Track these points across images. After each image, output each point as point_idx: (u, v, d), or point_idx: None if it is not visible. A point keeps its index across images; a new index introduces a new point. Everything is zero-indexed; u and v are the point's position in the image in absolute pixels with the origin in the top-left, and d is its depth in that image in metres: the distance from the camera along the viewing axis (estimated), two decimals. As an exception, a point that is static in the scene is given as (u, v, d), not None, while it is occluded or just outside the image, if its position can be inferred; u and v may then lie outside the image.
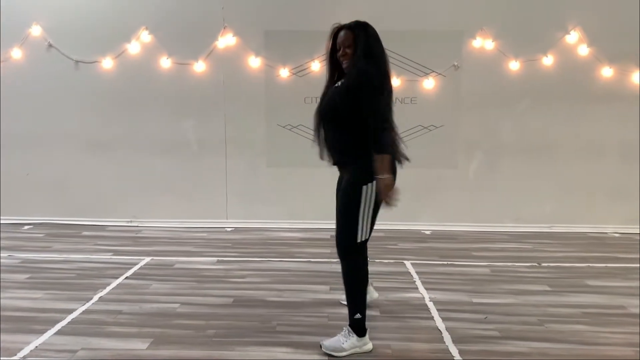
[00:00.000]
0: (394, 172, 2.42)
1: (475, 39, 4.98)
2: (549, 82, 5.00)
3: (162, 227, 5.17)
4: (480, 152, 5.17)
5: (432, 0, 4.96)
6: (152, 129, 5.18)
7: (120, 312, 2.97)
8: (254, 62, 5.05)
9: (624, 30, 4.88)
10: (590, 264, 4.03)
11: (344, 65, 2.47)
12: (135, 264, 3.91)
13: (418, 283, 3.54)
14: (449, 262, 4.05)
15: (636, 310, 3.07)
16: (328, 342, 2.46)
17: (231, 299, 3.20)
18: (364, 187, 2.37)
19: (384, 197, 2.35)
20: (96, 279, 3.56)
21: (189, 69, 5.08)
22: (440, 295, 3.29)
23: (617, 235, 5.01)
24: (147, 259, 4.05)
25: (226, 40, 5.03)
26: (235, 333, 2.71)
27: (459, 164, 5.17)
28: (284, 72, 5.06)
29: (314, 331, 2.72)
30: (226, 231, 5.09)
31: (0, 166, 5.22)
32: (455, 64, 5.01)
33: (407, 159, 2.50)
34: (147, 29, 5.04)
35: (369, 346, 2.47)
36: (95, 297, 3.20)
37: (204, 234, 4.94)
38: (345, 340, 2.43)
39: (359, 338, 2.44)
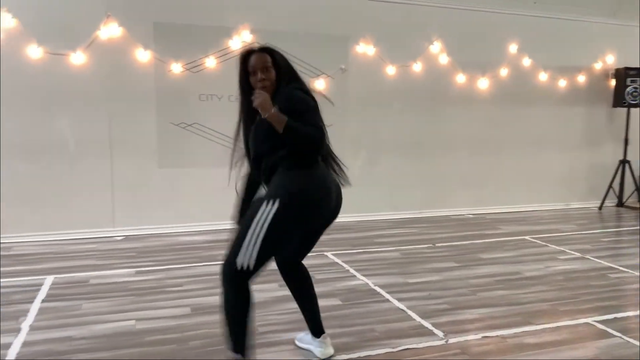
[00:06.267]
0: (332, 195, 2.19)
1: (359, 44, 5.40)
2: (417, 85, 5.69)
3: (35, 241, 4.49)
4: (363, 149, 5.63)
5: (321, 4, 5.22)
6: (16, 129, 4.44)
7: (71, 338, 2.60)
8: (143, 56, 4.69)
9: (473, 43, 5.81)
10: (471, 241, 4.76)
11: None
12: (39, 285, 3.38)
13: (352, 271, 3.79)
14: (362, 250, 4.39)
15: (529, 274, 3.79)
16: None
17: (188, 308, 3.03)
18: (264, 203, 2.03)
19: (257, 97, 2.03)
20: (4, 307, 3.00)
21: (65, 60, 4.49)
22: (379, 280, 3.59)
23: (471, 216, 5.96)
24: (50, 278, 3.52)
25: (110, 31, 4.57)
26: (223, 341, 2.60)
27: (347, 160, 5.53)
28: (177, 68, 4.81)
29: (299, 327, 2.76)
30: (116, 240, 4.65)
31: None
32: (342, 67, 5.36)
33: (347, 183, 2.44)
34: (8, 10, 4.30)
35: None
36: (25, 326, 2.72)
37: (94, 245, 4.45)
38: None
39: None
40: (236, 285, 2.02)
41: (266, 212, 2.00)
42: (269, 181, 2.16)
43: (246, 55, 2.20)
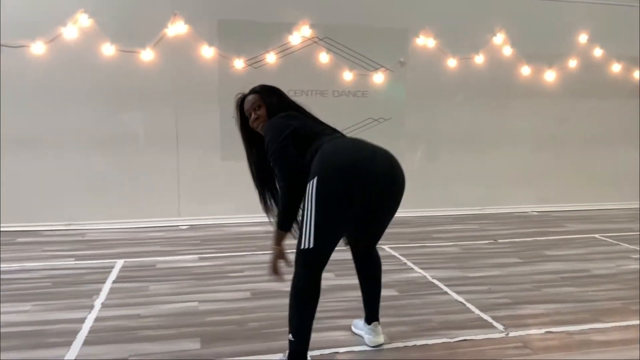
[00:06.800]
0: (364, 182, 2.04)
1: (419, 37, 5.34)
2: (480, 78, 5.55)
3: (107, 228, 4.76)
4: (422, 143, 5.56)
5: (381, -2, 5.21)
6: (92, 122, 4.74)
7: (139, 316, 2.74)
8: (207, 52, 4.87)
9: (539, 34, 5.59)
10: (535, 238, 4.59)
11: (261, 130, 2.28)
12: (110, 267, 3.59)
13: (410, 264, 3.75)
14: (420, 245, 4.34)
15: (598, 272, 3.61)
16: None
17: (247, 292, 3.11)
18: (307, 185, 2.04)
19: (270, 268, 2.19)
20: (79, 286, 3.21)
21: (135, 57, 4.73)
22: (437, 273, 3.54)
23: (535, 213, 5.74)
24: (120, 261, 3.73)
25: (177, 28, 4.77)
26: (281, 324, 2.65)
27: (405, 154, 5.50)
28: (239, 64, 4.95)
29: (355, 314, 2.78)
30: (181, 229, 4.84)
31: None
32: (402, 60, 5.32)
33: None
34: (85, 12, 4.58)
35: None
36: (98, 304, 2.90)
37: (161, 233, 4.66)
38: None
39: None
40: (305, 269, 2.06)
41: (309, 191, 2.01)
42: None
43: (241, 102, 2.38)
